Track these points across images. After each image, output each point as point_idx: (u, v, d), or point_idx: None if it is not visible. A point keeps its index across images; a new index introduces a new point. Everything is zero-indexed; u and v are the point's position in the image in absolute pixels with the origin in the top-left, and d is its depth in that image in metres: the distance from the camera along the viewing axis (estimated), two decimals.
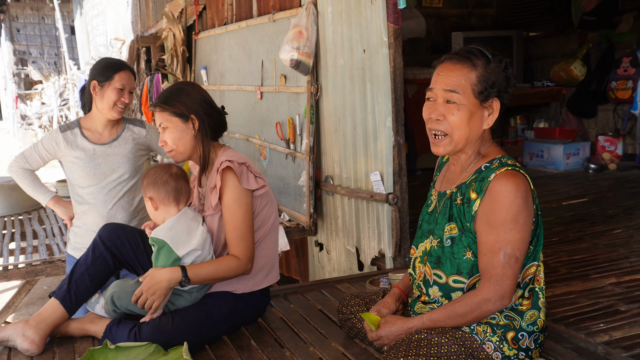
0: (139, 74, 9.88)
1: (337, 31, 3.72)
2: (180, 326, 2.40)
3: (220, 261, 2.47)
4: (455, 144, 2.05)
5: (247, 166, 2.52)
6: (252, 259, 2.51)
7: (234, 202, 2.46)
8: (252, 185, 2.49)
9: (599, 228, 4.08)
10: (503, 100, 2.02)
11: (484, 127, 2.04)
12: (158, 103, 2.56)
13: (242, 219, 2.47)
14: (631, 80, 5.77)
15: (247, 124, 5.23)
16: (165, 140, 2.55)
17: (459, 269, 2.03)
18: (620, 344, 2.36)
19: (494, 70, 1.99)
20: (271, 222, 2.64)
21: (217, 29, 5.82)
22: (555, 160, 6.16)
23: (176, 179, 2.52)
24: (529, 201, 1.94)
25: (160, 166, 2.58)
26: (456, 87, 2.00)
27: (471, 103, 2.00)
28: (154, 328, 2.36)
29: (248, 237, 2.49)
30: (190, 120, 2.55)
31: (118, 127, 3.19)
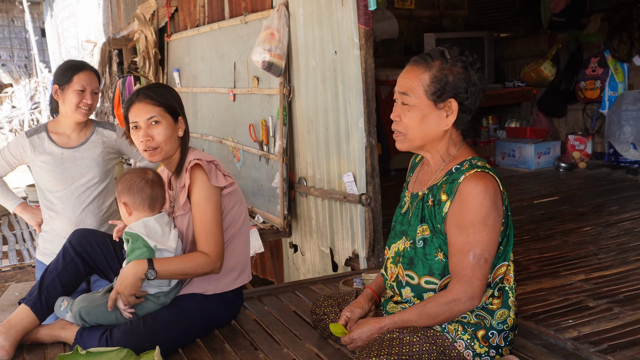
0: (111, 77, 9.77)
1: (308, 33, 3.72)
2: (152, 329, 2.38)
3: (189, 257, 2.44)
4: (410, 142, 2.09)
5: (215, 164, 2.51)
6: (222, 257, 2.48)
7: (203, 199, 2.44)
8: (221, 182, 2.48)
9: (569, 226, 4.15)
10: (461, 101, 2.01)
11: (443, 128, 2.05)
12: (151, 95, 2.48)
13: (211, 216, 2.45)
14: (599, 80, 5.87)
15: (220, 126, 5.21)
16: (153, 135, 2.46)
17: (431, 270, 2.05)
18: (588, 339, 2.40)
19: (450, 71, 2.00)
20: (241, 222, 2.62)
21: (189, 30, 5.79)
22: (526, 160, 6.24)
23: (152, 186, 2.47)
24: (498, 202, 1.96)
25: (136, 171, 2.52)
26: (407, 90, 2.04)
27: (423, 104, 2.03)
28: (125, 332, 2.34)
29: (217, 235, 2.46)
30: (180, 121, 2.55)
31: (87, 131, 3.15)
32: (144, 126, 2.47)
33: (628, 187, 5.13)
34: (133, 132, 2.51)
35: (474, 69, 2.01)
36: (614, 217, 4.26)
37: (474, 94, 2.01)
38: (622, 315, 2.61)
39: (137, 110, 2.48)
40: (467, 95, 2.00)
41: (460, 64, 2.00)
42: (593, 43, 6.07)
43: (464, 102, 2.01)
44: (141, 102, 2.48)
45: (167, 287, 2.50)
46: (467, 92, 2.00)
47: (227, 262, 2.58)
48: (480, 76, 2.02)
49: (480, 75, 2.02)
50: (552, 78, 6.32)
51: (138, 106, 2.48)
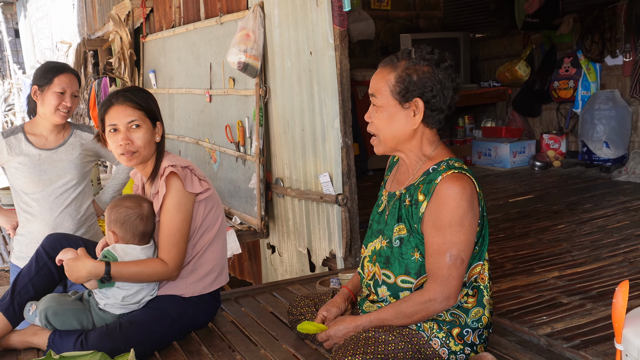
0: (86, 78, 9.67)
1: (284, 34, 3.72)
2: (129, 332, 2.36)
3: (147, 263, 2.41)
4: (384, 144, 2.11)
5: (190, 169, 2.48)
6: (180, 266, 2.46)
7: (173, 207, 2.41)
8: (197, 188, 2.46)
9: (544, 224, 4.20)
10: (427, 100, 2.01)
11: (411, 127, 2.05)
12: (132, 99, 2.44)
13: (179, 225, 2.42)
14: (572, 80, 5.95)
15: (196, 128, 5.19)
16: (133, 139, 2.43)
17: (407, 269, 2.06)
18: (561, 335, 2.44)
19: (414, 70, 2.00)
20: (218, 225, 2.61)
21: (165, 31, 5.76)
22: (502, 159, 6.31)
23: (146, 222, 2.44)
24: (474, 203, 1.98)
25: (132, 203, 2.44)
26: (375, 91, 2.07)
27: (390, 104, 2.04)
28: (101, 335, 2.32)
29: (181, 245, 2.44)
30: (157, 127, 2.52)
31: (65, 133, 3.12)
32: (123, 129, 2.43)
33: (601, 185, 5.21)
34: (110, 134, 2.46)
35: (441, 68, 2.01)
36: (587, 215, 4.33)
37: (440, 92, 2.00)
38: (594, 311, 2.66)
39: (117, 112, 2.43)
40: (434, 94, 2.00)
41: (425, 63, 2.01)
42: (566, 43, 6.15)
43: (431, 101, 2.01)
44: (121, 104, 2.44)
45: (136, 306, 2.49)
46: (432, 90, 2.00)
47: (204, 265, 2.58)
48: (448, 74, 2.01)
49: (449, 73, 2.01)
50: (527, 78, 6.39)
51: (117, 108, 2.43)
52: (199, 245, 2.56)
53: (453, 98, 2.05)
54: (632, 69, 5.47)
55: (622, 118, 5.55)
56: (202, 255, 2.57)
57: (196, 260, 2.56)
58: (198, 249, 2.56)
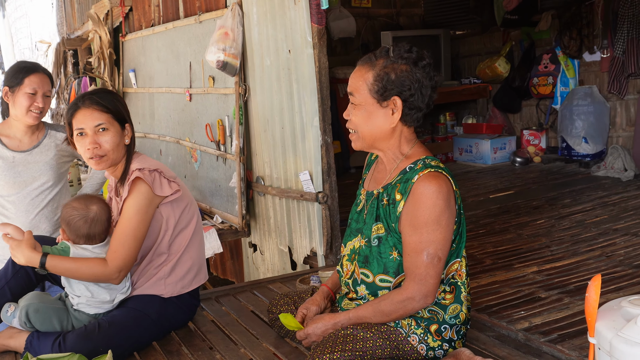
0: (66, 78, 9.58)
1: (262, 32, 3.71)
2: (107, 333, 2.34)
3: (86, 262, 2.35)
4: (362, 141, 2.11)
5: (159, 172, 2.44)
6: (124, 270, 2.37)
7: (132, 209, 2.37)
8: (166, 190, 2.43)
9: (524, 219, 4.24)
10: (405, 98, 2.01)
11: (389, 126, 2.06)
12: (99, 102, 2.41)
13: (134, 227, 2.36)
14: (551, 76, 6.00)
15: (177, 127, 5.16)
16: (100, 143, 2.40)
17: (386, 268, 2.07)
18: (539, 330, 2.46)
19: (392, 69, 2.01)
20: (194, 224, 2.60)
21: (144, 30, 5.72)
22: (483, 155, 6.35)
23: (90, 225, 2.37)
24: (451, 202, 1.99)
25: (79, 205, 2.39)
26: (353, 89, 2.07)
27: (368, 102, 2.04)
28: (79, 336, 2.31)
29: (131, 247, 2.36)
30: (127, 128, 2.49)
31: (39, 134, 3.09)
32: (90, 133, 2.40)
33: (580, 180, 5.26)
34: (78, 138, 2.43)
35: (419, 66, 2.01)
36: (566, 210, 4.37)
37: (418, 90, 2.00)
38: (572, 305, 2.68)
39: (84, 116, 2.40)
40: (412, 92, 2.00)
41: (403, 62, 2.01)
42: (545, 40, 6.20)
43: (409, 100, 2.01)
44: (88, 108, 2.41)
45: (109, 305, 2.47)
46: (410, 89, 2.00)
47: (183, 264, 2.57)
48: (427, 73, 2.01)
49: (427, 72, 2.01)
50: (507, 74, 6.43)
51: (84, 112, 2.40)
52: (175, 245, 2.55)
53: (431, 96, 2.05)
54: (609, 65, 5.53)
55: (600, 114, 5.60)
56: (180, 255, 2.56)
57: (174, 260, 2.55)
58: (175, 249, 2.55)
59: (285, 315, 2.30)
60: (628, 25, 5.30)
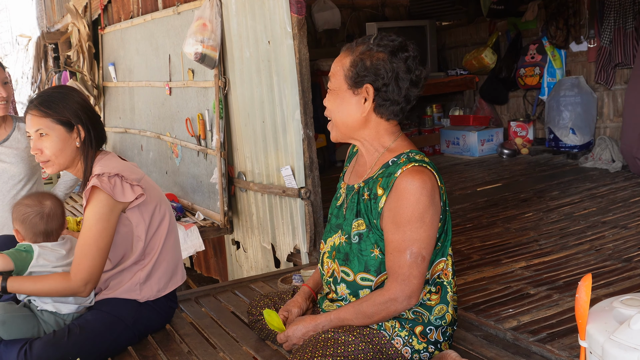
0: (47, 72, 9.40)
1: (241, 22, 3.60)
2: (78, 340, 2.24)
3: (48, 279, 2.24)
4: (337, 130, 2.04)
5: (120, 177, 2.30)
6: (90, 282, 2.25)
7: (92, 218, 2.25)
8: (129, 196, 2.31)
9: (511, 212, 4.16)
10: (378, 87, 1.92)
11: (361, 114, 1.97)
12: (37, 106, 2.32)
13: (96, 237, 2.24)
14: (538, 67, 5.93)
15: (157, 122, 5.04)
16: (40, 148, 2.32)
17: (367, 266, 1.97)
18: (527, 329, 2.38)
19: (369, 56, 1.91)
20: (166, 224, 2.48)
21: (123, 22, 5.58)
22: (470, 147, 6.27)
23: (47, 221, 2.28)
24: (435, 198, 1.89)
25: (32, 202, 2.29)
26: (331, 74, 2.01)
27: (342, 88, 1.97)
28: (47, 344, 2.19)
29: (95, 258, 2.24)
30: (76, 130, 2.35)
31: (7, 127, 2.99)
32: (34, 138, 2.34)
33: (568, 172, 5.20)
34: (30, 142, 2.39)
35: (399, 57, 1.90)
36: (554, 202, 4.30)
37: (393, 81, 1.90)
38: (561, 302, 2.61)
39: (28, 121, 2.35)
40: (385, 82, 1.90)
41: (380, 49, 1.91)
42: (531, 30, 6.12)
43: (382, 89, 1.92)
44: (28, 112, 2.34)
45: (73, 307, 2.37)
46: (384, 78, 1.90)
47: (158, 268, 2.47)
48: (406, 65, 1.91)
49: (407, 64, 1.91)
50: (493, 65, 6.35)
51: (28, 117, 2.34)
52: (149, 249, 2.44)
53: (411, 90, 1.94)
54: (596, 55, 5.46)
55: (587, 104, 5.54)
56: (155, 259, 2.46)
57: (150, 265, 2.45)
58: (150, 253, 2.45)
59: (269, 312, 2.19)
60: (615, 15, 5.23)
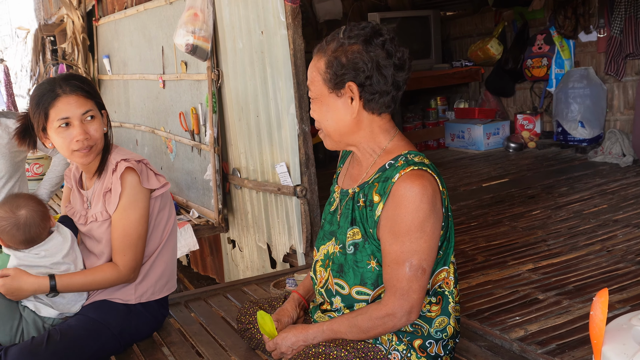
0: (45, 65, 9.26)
1: (234, 12, 3.42)
2: (55, 348, 2.08)
3: (96, 271, 2.21)
4: (331, 140, 1.86)
5: (144, 163, 2.25)
6: (137, 270, 2.25)
7: (129, 206, 2.18)
8: (154, 184, 2.23)
9: (518, 210, 3.99)
10: (361, 82, 1.73)
11: (352, 116, 1.78)
12: (81, 88, 2.17)
13: (135, 225, 2.20)
14: (546, 57, 5.73)
15: (152, 115, 4.88)
16: (91, 132, 2.16)
17: (363, 279, 1.81)
18: (535, 339, 2.22)
19: (343, 52, 1.73)
20: (170, 226, 2.39)
21: (117, 13, 5.41)
22: (476, 141, 6.09)
23: (25, 230, 2.14)
24: (436, 205, 1.71)
25: (4, 213, 2.14)
26: (309, 82, 1.83)
27: (324, 94, 1.78)
28: (23, 351, 2.04)
29: (138, 246, 2.22)
30: (105, 115, 2.27)
31: None
32: (78, 123, 2.14)
33: (577, 167, 5.02)
34: (60, 130, 2.15)
35: (374, 44, 1.71)
36: (563, 199, 4.12)
37: (375, 71, 1.71)
38: (571, 309, 2.44)
39: (68, 104, 2.13)
40: (368, 74, 1.72)
41: (353, 41, 1.72)
42: (538, 20, 5.92)
43: (366, 84, 1.73)
44: (71, 94, 2.14)
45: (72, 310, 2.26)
46: (365, 71, 1.72)
47: (155, 269, 2.35)
48: (385, 50, 1.71)
49: (385, 49, 1.71)
50: (499, 56, 6.16)
51: (68, 99, 2.13)
52: (150, 246, 2.33)
53: (397, 75, 1.74)
54: (606, 46, 5.26)
55: (597, 96, 5.35)
56: (155, 257, 2.34)
57: (149, 263, 2.33)
58: (150, 251, 2.33)
59: (263, 315, 2.02)
60: (626, 3, 5.03)
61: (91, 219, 2.28)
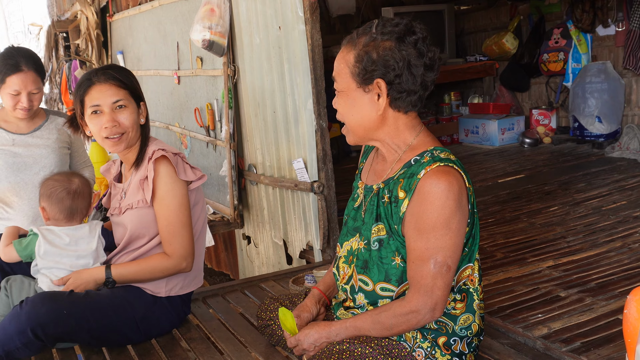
0: (58, 61, 9.29)
1: (251, 7, 3.41)
2: (78, 301, 2.15)
3: (148, 261, 2.26)
4: (354, 134, 1.83)
5: (181, 156, 2.27)
6: (188, 256, 2.28)
7: (167, 194, 2.20)
8: (190, 176, 2.25)
9: (536, 206, 3.96)
10: (390, 80, 1.70)
11: (377, 113, 1.76)
12: (116, 77, 2.21)
13: (176, 213, 2.22)
14: (562, 52, 5.67)
15: (166, 111, 4.88)
16: (120, 121, 2.19)
17: (388, 275, 1.79)
18: (559, 337, 2.20)
19: (374, 47, 1.70)
20: (202, 222, 2.41)
21: (132, 9, 5.40)
22: (490, 136, 6.05)
23: (74, 197, 2.27)
24: (462, 202, 1.69)
25: (61, 177, 2.31)
26: (335, 74, 1.80)
27: (350, 88, 1.76)
28: (43, 295, 2.13)
29: (183, 233, 2.24)
30: (143, 107, 2.30)
31: (38, 119, 2.99)
32: (108, 110, 2.19)
33: (594, 162, 4.97)
34: (92, 117, 2.21)
35: (407, 42, 1.69)
36: (581, 195, 4.08)
37: (406, 70, 1.69)
38: (594, 307, 2.41)
39: (100, 92, 2.19)
40: (398, 73, 1.69)
41: (386, 38, 1.70)
42: (555, 13, 5.86)
43: (395, 82, 1.71)
44: (104, 83, 2.19)
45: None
46: (396, 69, 1.69)
47: None
48: (417, 50, 1.70)
49: (417, 48, 1.70)
50: (515, 51, 6.11)
51: (101, 88, 2.19)
52: None
53: (426, 76, 1.73)
54: (625, 39, 5.20)
55: (614, 91, 5.29)
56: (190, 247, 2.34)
57: None
58: None
59: (285, 312, 2.01)
60: None
61: (126, 208, 2.30)
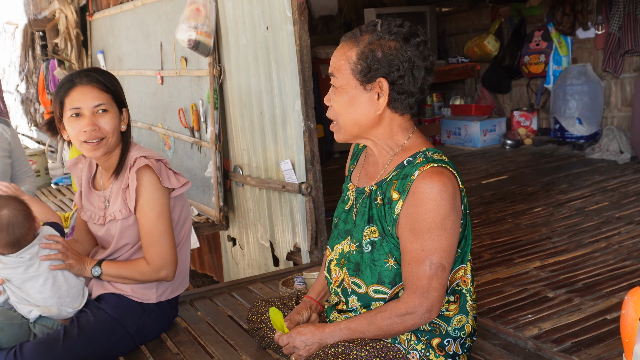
0: (34, 61, 9.15)
1: (237, 7, 3.38)
2: (73, 345, 2.07)
3: (132, 264, 2.23)
4: (345, 130, 1.81)
5: (164, 163, 2.23)
6: (167, 265, 2.21)
7: (147, 204, 2.16)
8: (174, 183, 2.21)
9: (520, 207, 3.99)
10: (393, 81, 1.70)
11: (375, 112, 1.75)
12: (99, 80, 2.15)
13: (155, 222, 2.17)
14: (543, 54, 5.74)
15: (149, 112, 4.82)
16: (101, 125, 2.13)
17: (380, 277, 1.78)
18: (550, 337, 2.21)
19: (379, 46, 1.69)
20: (188, 226, 2.38)
21: (113, 8, 5.34)
22: (472, 138, 6.09)
23: (9, 232, 2.05)
24: (457, 202, 1.69)
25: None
26: (334, 70, 1.77)
27: (350, 85, 1.74)
28: (38, 346, 2.03)
29: (160, 242, 2.19)
30: (123, 114, 2.23)
31: None
32: (88, 114, 2.12)
33: (575, 164, 5.03)
34: (72, 120, 2.14)
35: (412, 44, 1.69)
36: (564, 196, 4.13)
37: (409, 71, 1.69)
38: (583, 307, 2.44)
39: (81, 94, 2.12)
40: (401, 74, 1.69)
41: (392, 37, 1.69)
42: (536, 16, 5.92)
43: (397, 82, 1.70)
44: (86, 85, 2.13)
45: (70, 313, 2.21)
46: (400, 70, 1.69)
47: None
48: (420, 52, 1.70)
49: (420, 50, 1.70)
50: (496, 53, 6.16)
51: (83, 90, 2.12)
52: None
53: (425, 80, 1.73)
54: (604, 42, 5.27)
55: (594, 93, 5.36)
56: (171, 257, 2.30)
57: None
58: None
59: (276, 312, 1.99)
60: (624, 0, 5.04)
61: (110, 218, 2.25)
